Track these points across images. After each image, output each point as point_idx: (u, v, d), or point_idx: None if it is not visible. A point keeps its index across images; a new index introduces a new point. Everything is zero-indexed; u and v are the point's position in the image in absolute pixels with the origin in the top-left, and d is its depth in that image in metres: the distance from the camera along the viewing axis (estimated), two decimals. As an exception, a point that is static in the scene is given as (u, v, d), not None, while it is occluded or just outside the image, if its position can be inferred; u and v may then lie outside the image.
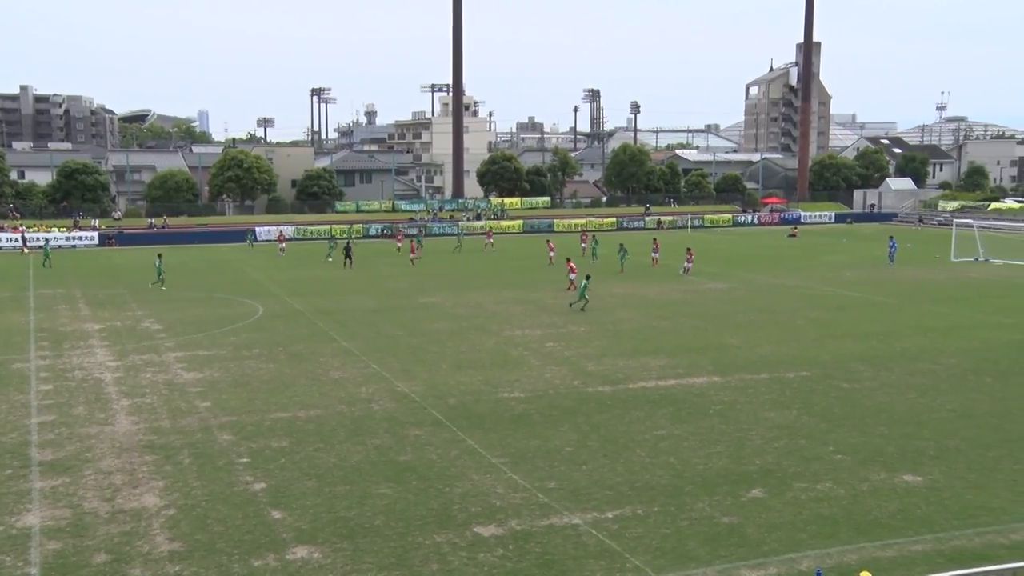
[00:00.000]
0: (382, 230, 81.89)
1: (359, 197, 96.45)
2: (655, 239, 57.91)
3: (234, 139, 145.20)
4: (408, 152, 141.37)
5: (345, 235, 76.06)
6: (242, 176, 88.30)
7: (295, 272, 54.10)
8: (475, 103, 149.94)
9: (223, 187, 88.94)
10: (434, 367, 27.88)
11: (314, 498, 17.02)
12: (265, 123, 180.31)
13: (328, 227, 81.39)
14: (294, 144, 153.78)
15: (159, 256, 48.06)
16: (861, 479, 17.84)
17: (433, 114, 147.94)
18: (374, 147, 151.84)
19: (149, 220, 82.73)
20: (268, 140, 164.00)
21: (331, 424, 21.81)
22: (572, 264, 45.42)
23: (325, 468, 18.67)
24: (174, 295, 44.09)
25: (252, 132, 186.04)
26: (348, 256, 57.12)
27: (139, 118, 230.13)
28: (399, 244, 67.52)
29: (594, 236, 61.01)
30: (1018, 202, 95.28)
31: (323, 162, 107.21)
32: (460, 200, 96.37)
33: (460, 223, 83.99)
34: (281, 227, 78.37)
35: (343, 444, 20.25)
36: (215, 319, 36.79)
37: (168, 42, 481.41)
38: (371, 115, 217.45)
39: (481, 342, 31.87)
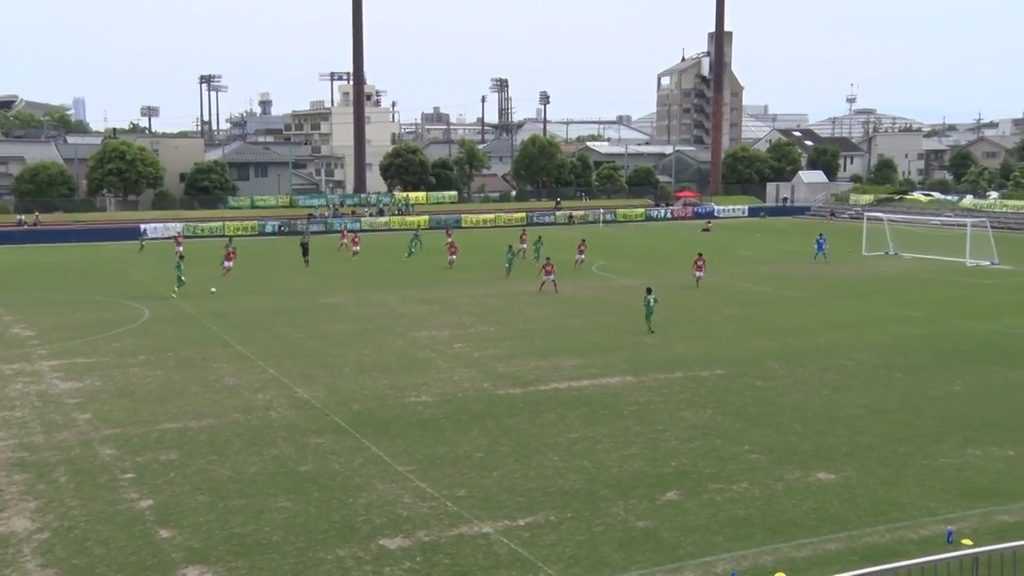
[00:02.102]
0: (279, 227, 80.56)
1: (254, 192, 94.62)
2: (583, 240, 55.35)
3: (115, 129, 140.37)
4: (306, 144, 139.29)
5: (303, 230, 74.88)
6: (124, 169, 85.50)
7: (185, 272, 52.63)
8: (377, 92, 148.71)
9: (103, 181, 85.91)
10: (336, 371, 27.58)
11: (206, 514, 16.63)
12: (149, 112, 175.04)
13: (221, 224, 79.64)
14: (182, 135, 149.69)
15: (181, 258, 45.54)
16: (776, 478, 18.38)
17: (333, 104, 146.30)
18: (270, 139, 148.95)
19: (19, 217, 79.40)
20: (153, 130, 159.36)
21: (225, 434, 21.35)
22: (551, 265, 43.84)
23: (219, 481, 18.26)
24: (48, 298, 42.44)
25: (135, 122, 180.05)
26: (305, 254, 55.42)
27: (4, 104, 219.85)
28: (344, 241, 65.01)
29: (540, 237, 56.85)
30: (925, 195, 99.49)
31: (214, 154, 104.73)
32: (362, 195, 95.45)
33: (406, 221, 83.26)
34: (173, 225, 76.26)
35: (238, 455, 19.84)
36: (95, 323, 35.58)
37: (38, 21, 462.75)
38: (266, 104, 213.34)
39: (386, 344, 31.66)
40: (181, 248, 60.13)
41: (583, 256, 52.94)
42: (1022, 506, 16.82)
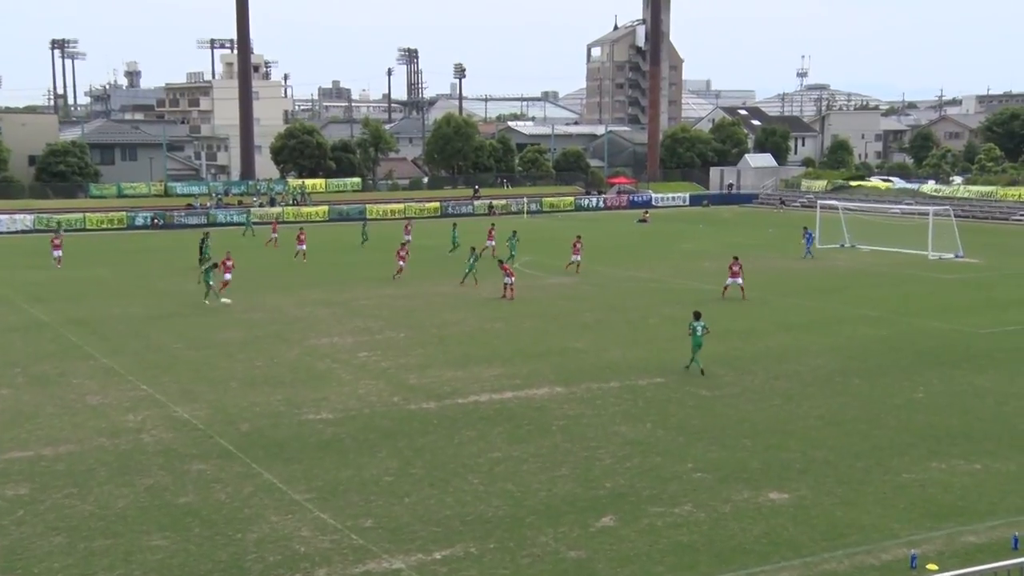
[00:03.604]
0: (152, 219, 78.85)
1: (121, 178, 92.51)
2: (579, 237, 51.51)
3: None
4: (183, 123, 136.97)
5: (246, 222, 72.57)
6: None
7: (38, 273, 51.22)
8: (266, 63, 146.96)
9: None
10: (222, 386, 27.19)
11: (63, 558, 16.17)
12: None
13: (81, 215, 77.57)
14: (30, 110, 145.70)
15: (215, 266, 42.12)
16: (723, 500, 18.69)
17: (214, 76, 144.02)
18: (139, 116, 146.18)
19: None
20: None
21: (88, 462, 20.82)
22: (507, 267, 43.09)
23: (79, 519, 17.79)
24: None
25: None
26: (202, 252, 51.67)
27: None
28: (274, 235, 63.22)
29: (515, 233, 53.70)
30: (884, 181, 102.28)
31: (72, 133, 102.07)
32: (250, 182, 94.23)
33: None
34: (20, 217, 73.94)
35: (104, 487, 19.37)
36: (-70, 334, 34.36)
37: None
38: (133, 75, 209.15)
39: (280, 354, 31.32)
40: (59, 253, 53.30)
41: (579, 256, 50.02)
42: (990, 525, 17.40)
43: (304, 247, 55.58)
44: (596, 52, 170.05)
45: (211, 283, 40.96)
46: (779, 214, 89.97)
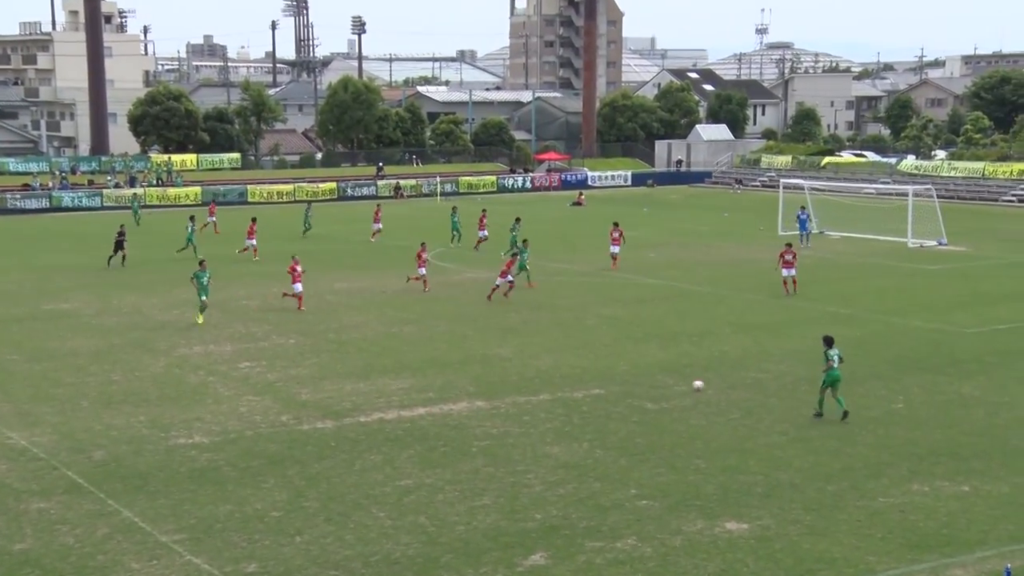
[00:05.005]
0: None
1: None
2: (616, 224, 50.07)
3: None
4: (17, 84, 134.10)
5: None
6: None
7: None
8: (122, 13, 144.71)
9: None
10: (69, 405, 26.79)
11: None
12: None
13: None
14: None
15: (200, 262, 38.67)
16: (673, 531, 18.89)
17: (55, 27, 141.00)
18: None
19: None
20: None
21: (-95, 501, 20.35)
22: (511, 264, 42.27)
23: None
24: None
25: None
26: (120, 247, 49.93)
27: None
28: (212, 219, 61.64)
29: (518, 220, 53.67)
30: (856, 155, 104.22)
31: None
32: (103, 157, 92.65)
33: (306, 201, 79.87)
34: None
35: (-75, 531, 18.94)
36: None
37: None
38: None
39: (143, 365, 30.99)
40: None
41: (619, 248, 48.94)
42: (980, 556, 17.85)
43: (253, 240, 52.82)
44: (521, 4, 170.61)
45: (206, 295, 37.28)
46: (736, 195, 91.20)
